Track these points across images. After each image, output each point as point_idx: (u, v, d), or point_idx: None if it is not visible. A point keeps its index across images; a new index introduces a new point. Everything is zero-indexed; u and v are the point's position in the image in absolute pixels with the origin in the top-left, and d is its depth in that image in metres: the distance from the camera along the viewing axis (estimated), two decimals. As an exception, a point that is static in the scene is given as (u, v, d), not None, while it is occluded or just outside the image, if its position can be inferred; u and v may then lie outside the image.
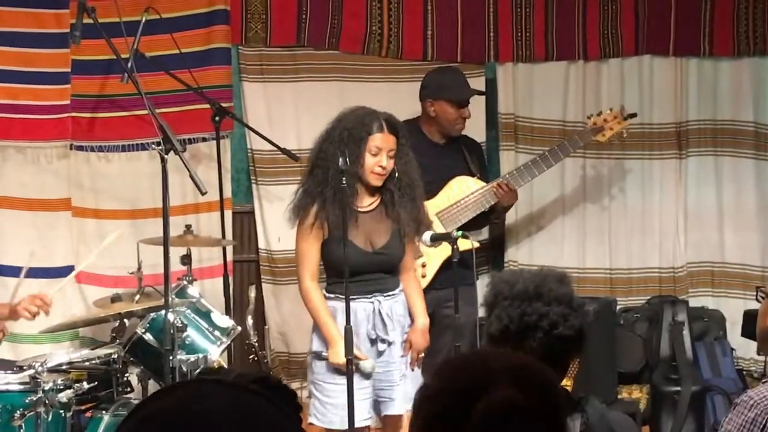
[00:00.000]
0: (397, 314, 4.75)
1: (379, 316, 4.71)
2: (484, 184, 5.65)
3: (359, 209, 4.67)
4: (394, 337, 4.72)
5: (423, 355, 4.83)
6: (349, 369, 4.42)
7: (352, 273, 4.57)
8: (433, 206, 5.24)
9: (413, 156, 4.81)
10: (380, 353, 4.69)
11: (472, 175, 5.69)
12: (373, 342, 4.70)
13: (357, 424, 4.58)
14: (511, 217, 6.19)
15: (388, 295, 4.73)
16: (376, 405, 4.72)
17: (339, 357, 4.50)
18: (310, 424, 4.76)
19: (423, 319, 4.79)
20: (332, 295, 4.62)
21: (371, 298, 4.69)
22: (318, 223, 4.62)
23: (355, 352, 4.55)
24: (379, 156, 4.61)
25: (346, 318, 4.43)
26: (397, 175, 4.69)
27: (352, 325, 4.53)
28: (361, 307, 4.66)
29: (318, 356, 4.66)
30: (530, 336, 2.84)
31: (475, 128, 6.10)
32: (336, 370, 4.57)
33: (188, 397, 1.44)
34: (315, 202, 4.63)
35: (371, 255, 4.68)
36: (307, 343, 5.95)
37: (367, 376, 4.64)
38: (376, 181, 4.64)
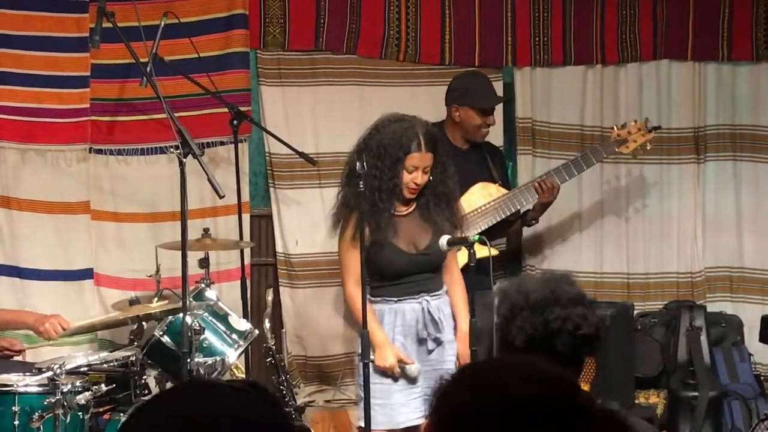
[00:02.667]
0: (446, 313, 4.82)
1: (429, 316, 4.76)
2: (506, 191, 5.69)
3: (398, 213, 4.73)
4: (445, 336, 4.78)
5: None
6: (366, 372, 4.46)
7: (398, 275, 4.69)
8: (452, 211, 5.22)
9: (452, 164, 4.86)
10: (430, 352, 4.76)
11: (494, 182, 5.72)
12: (421, 342, 4.76)
13: (409, 423, 4.71)
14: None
15: (435, 295, 4.79)
16: (426, 403, 4.67)
17: (384, 360, 4.58)
18: (359, 427, 4.80)
19: (465, 324, 4.78)
20: (378, 298, 4.67)
21: (418, 298, 4.74)
22: (357, 232, 4.63)
23: (402, 356, 4.65)
24: (415, 173, 4.66)
25: (363, 323, 4.45)
26: (431, 182, 4.74)
27: (400, 326, 4.68)
28: (410, 307, 4.73)
29: (364, 360, 4.67)
30: (557, 341, 2.84)
31: (493, 133, 6.08)
32: (382, 372, 4.62)
33: (180, 402, 1.46)
34: (353, 212, 4.65)
35: (415, 256, 4.73)
36: (324, 347, 6.17)
37: (413, 379, 4.70)
38: (410, 195, 4.71)
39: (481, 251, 4.66)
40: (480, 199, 5.63)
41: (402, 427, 4.76)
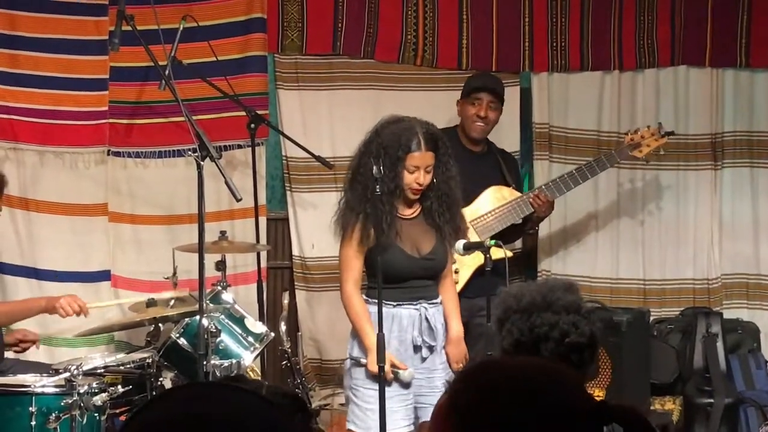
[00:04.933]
0: (440, 322, 4.78)
1: (426, 323, 4.72)
2: (520, 194, 5.69)
3: (402, 217, 4.71)
4: (437, 342, 4.75)
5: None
6: (381, 376, 4.44)
7: (399, 279, 4.65)
8: (467, 214, 5.22)
9: (454, 164, 4.81)
10: (424, 359, 4.71)
11: (508, 186, 5.73)
12: (416, 349, 4.71)
13: (398, 431, 4.64)
14: (544, 226, 6.18)
15: (432, 303, 4.75)
16: (416, 411, 4.72)
17: (375, 365, 4.50)
18: (349, 430, 4.78)
19: (457, 328, 4.80)
20: (375, 300, 4.57)
21: (417, 304, 4.71)
22: (363, 235, 4.63)
23: (395, 361, 4.59)
24: (416, 173, 4.63)
25: (378, 326, 4.42)
26: (435, 183, 4.71)
27: (396, 331, 4.64)
28: (407, 313, 4.70)
29: (357, 362, 4.68)
30: (542, 347, 2.86)
31: (509, 139, 6.19)
32: (374, 376, 4.56)
33: (185, 401, 1.45)
34: (358, 215, 4.65)
35: (419, 260, 4.69)
36: (340, 350, 5.99)
37: (406, 385, 4.66)
38: (413, 196, 4.69)
39: (497, 254, 4.66)
40: (494, 202, 5.65)
41: None
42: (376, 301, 4.50)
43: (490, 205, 5.60)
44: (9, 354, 5.25)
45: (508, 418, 1.64)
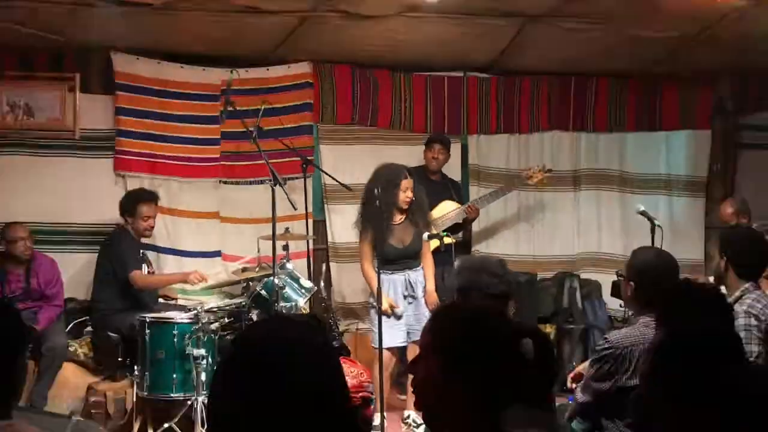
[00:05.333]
0: (419, 281, 4.80)
1: (409, 282, 4.75)
2: (461, 206, 5.71)
3: (394, 224, 4.73)
4: (418, 294, 4.77)
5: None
6: (380, 312, 4.37)
7: (392, 260, 4.64)
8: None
9: (421, 188, 4.86)
10: (409, 304, 4.74)
11: (454, 201, 5.74)
12: (405, 297, 4.74)
13: (397, 344, 4.66)
14: (475, 225, 6.15)
15: (413, 270, 4.78)
16: (408, 335, 4.72)
17: (383, 305, 4.48)
18: (373, 346, 4.69)
19: (431, 286, 4.79)
20: (380, 272, 4.52)
21: (403, 272, 4.74)
22: (371, 236, 4.66)
23: (393, 303, 4.61)
24: (406, 192, 4.71)
25: (378, 289, 4.36)
26: (414, 199, 4.75)
27: (392, 287, 4.60)
28: (398, 277, 4.72)
29: (373, 306, 4.66)
30: (474, 294, 2.81)
31: (455, 173, 6.18)
32: (382, 313, 4.53)
33: (265, 327, 1.40)
34: (369, 224, 4.67)
35: (402, 249, 4.73)
36: (354, 297, 6.00)
37: (399, 317, 4.69)
38: (405, 206, 4.75)
39: (447, 240, 4.78)
40: (445, 210, 5.63)
41: (391, 346, 4.65)
42: (381, 272, 4.51)
43: (443, 211, 5.60)
44: (161, 300, 5.42)
45: (464, 335, 1.60)
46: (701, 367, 1.67)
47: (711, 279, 3.79)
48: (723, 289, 3.23)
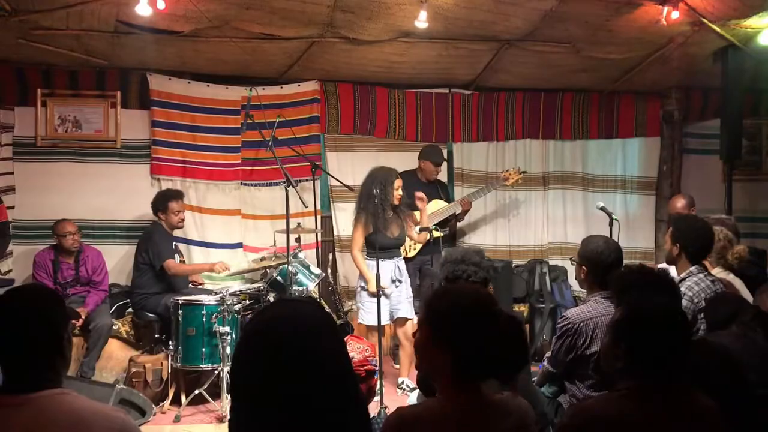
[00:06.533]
0: (404, 268, 4.81)
1: (397, 268, 4.77)
2: (450, 203, 5.73)
3: (387, 217, 4.71)
4: (403, 278, 4.78)
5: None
6: (378, 293, 4.45)
7: (383, 249, 4.64)
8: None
9: (418, 189, 4.95)
10: (397, 286, 4.76)
11: (441, 199, 5.74)
12: (393, 281, 4.75)
13: (383, 322, 4.62)
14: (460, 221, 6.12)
15: (399, 258, 4.80)
16: (392, 313, 4.75)
17: (373, 288, 4.54)
18: (359, 323, 4.77)
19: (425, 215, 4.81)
20: (372, 259, 4.60)
21: (393, 259, 4.75)
22: (365, 226, 4.67)
23: (383, 284, 4.60)
24: (398, 190, 4.70)
25: (377, 277, 4.43)
26: (403, 197, 4.76)
27: (382, 272, 4.54)
28: (389, 263, 4.72)
29: (363, 288, 4.70)
30: (458, 282, 2.75)
31: (443, 175, 6.07)
32: (371, 294, 4.59)
33: (280, 307, 1.39)
34: (365, 216, 4.68)
35: (392, 239, 4.73)
36: (357, 282, 6.06)
37: (387, 296, 4.69)
38: (397, 202, 4.73)
39: (436, 234, 4.77)
40: (435, 207, 5.63)
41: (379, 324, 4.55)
42: (372, 259, 4.54)
43: (432, 209, 5.55)
44: (191, 285, 5.36)
45: (456, 313, 1.62)
46: (654, 337, 1.77)
47: (661, 265, 3.74)
48: (673, 271, 3.28)
